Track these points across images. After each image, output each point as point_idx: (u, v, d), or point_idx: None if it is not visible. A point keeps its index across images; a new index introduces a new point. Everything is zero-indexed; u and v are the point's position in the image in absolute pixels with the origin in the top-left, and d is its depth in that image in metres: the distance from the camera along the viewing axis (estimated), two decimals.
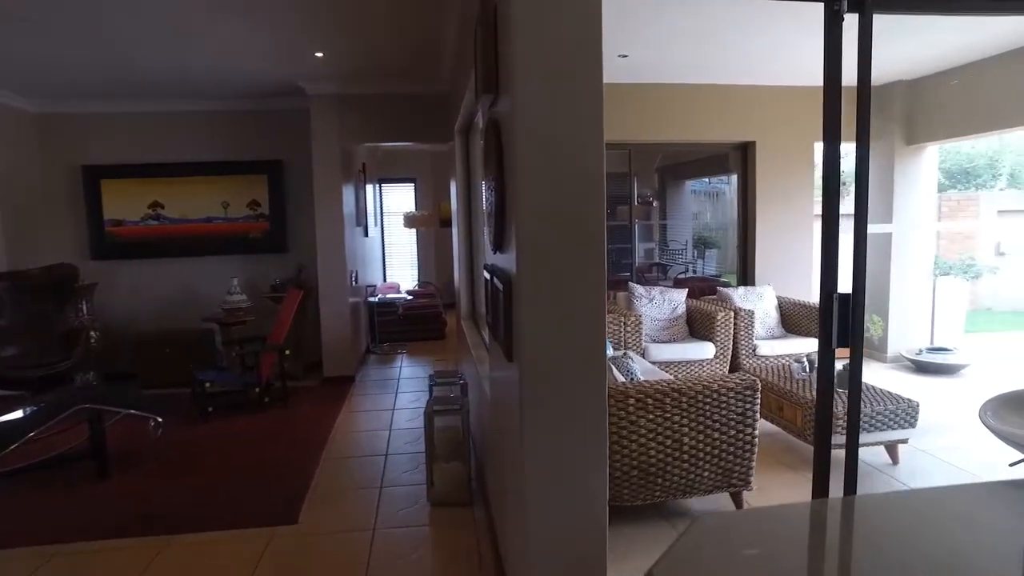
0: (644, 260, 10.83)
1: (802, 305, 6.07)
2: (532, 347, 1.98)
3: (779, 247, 6.78)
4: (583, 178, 1.96)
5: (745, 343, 5.73)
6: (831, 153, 2.51)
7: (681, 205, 10.69)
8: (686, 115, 6.49)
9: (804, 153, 6.79)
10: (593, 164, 1.96)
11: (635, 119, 6.40)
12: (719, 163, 8.39)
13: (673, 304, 6.06)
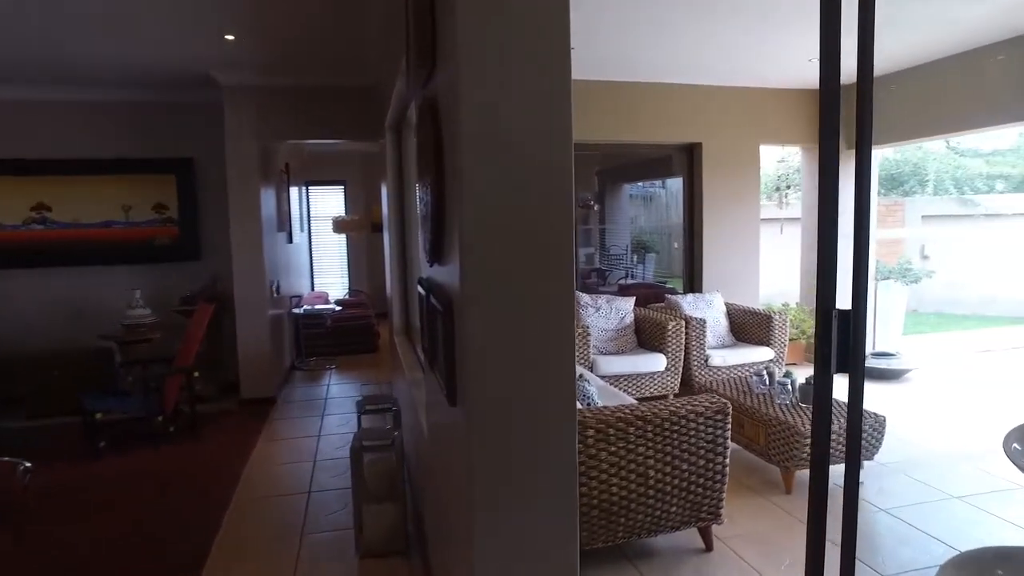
0: (585, 265, 10.58)
1: (751, 312, 5.87)
2: (482, 391, 1.55)
3: (726, 252, 6.59)
4: (546, 171, 1.55)
5: (697, 354, 5.47)
6: (829, 150, 2.18)
7: (620, 209, 10.50)
8: (631, 114, 6.21)
9: (750, 155, 6.63)
10: (559, 153, 1.56)
11: (578, 117, 6.06)
12: (662, 165, 8.19)
13: (621, 313, 5.75)
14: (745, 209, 6.63)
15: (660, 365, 5.34)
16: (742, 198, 6.61)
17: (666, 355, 5.36)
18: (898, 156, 11.00)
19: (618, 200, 10.49)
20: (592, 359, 5.22)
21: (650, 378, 5.35)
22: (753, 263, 6.70)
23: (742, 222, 6.62)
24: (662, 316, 5.57)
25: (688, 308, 5.84)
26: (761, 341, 5.70)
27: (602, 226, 10.17)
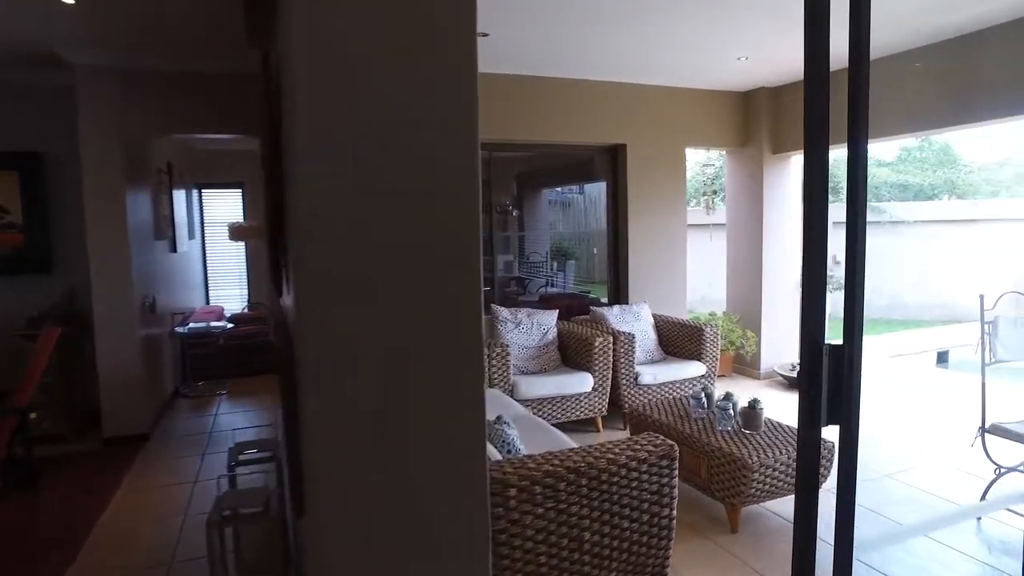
0: (504, 274, 10.09)
1: (681, 325, 5.53)
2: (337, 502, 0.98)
3: (653, 260, 6.25)
4: (445, 171, 1.00)
5: (626, 371, 5.05)
6: (818, 151, 1.72)
7: (539, 214, 10.09)
8: (553, 113, 5.75)
9: (676, 159, 6.32)
10: (460, 138, 1.02)
11: (493, 114, 5.55)
12: (584, 168, 7.82)
13: (543, 328, 5.27)
14: (672, 215, 6.32)
15: (587, 385, 4.89)
16: (668, 203, 6.29)
17: (593, 374, 4.92)
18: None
19: (537, 205, 10.08)
20: (512, 381, 4.70)
21: (576, 400, 4.89)
22: (680, 271, 6.39)
23: (669, 228, 6.30)
24: (588, 331, 5.13)
25: (615, 321, 5.43)
26: (692, 355, 5.36)
27: (521, 233, 9.73)
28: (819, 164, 1.63)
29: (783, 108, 6.22)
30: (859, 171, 1.60)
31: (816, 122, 1.60)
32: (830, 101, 1.46)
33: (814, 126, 1.60)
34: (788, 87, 6.14)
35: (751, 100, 6.43)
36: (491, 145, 5.84)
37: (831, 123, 2.47)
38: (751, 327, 6.47)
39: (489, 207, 9.49)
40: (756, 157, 6.41)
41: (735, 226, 6.75)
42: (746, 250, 6.56)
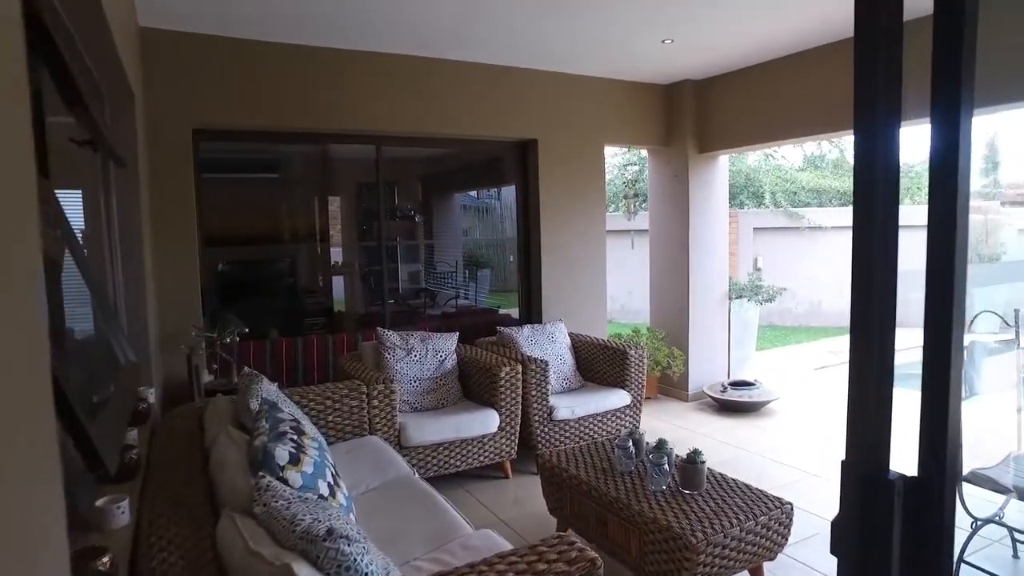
0: (409, 285, 9.17)
1: (602, 346, 4.78)
2: None
3: (569, 272, 5.50)
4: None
5: (539, 406, 4.25)
6: (877, 137, 0.88)
7: (450, 221, 9.23)
8: (449, 101, 4.90)
9: (594, 157, 5.60)
10: None
11: (381, 99, 4.65)
12: (494, 169, 7.02)
13: (440, 355, 4.39)
14: (590, 220, 5.59)
15: (492, 425, 4.04)
16: (586, 207, 5.56)
17: (499, 410, 4.08)
18: (732, 167, 10.84)
19: (448, 211, 9.23)
20: (399, 424, 3.79)
21: (480, 444, 4.04)
22: (600, 285, 5.67)
23: (587, 236, 5.57)
24: (493, 358, 4.29)
25: (526, 344, 4.62)
26: (615, 382, 4.63)
27: (429, 241, 8.85)
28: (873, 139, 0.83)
29: (709, 103, 5.62)
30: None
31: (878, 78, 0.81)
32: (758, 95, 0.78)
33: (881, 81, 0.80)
34: (715, 80, 5.54)
35: (675, 94, 5.81)
36: (379, 138, 4.93)
37: (757, 120, 1.62)
38: (678, 344, 5.83)
39: (392, 211, 8.54)
40: (680, 157, 5.79)
41: (658, 232, 6.11)
42: (671, 259, 5.93)
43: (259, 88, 4.24)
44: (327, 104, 4.45)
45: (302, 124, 4.42)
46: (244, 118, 4.25)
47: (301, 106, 4.37)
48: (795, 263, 10.25)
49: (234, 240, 6.76)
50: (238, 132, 4.41)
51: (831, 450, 4.54)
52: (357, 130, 4.68)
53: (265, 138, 4.53)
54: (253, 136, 4.49)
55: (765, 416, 5.37)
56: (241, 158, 6.74)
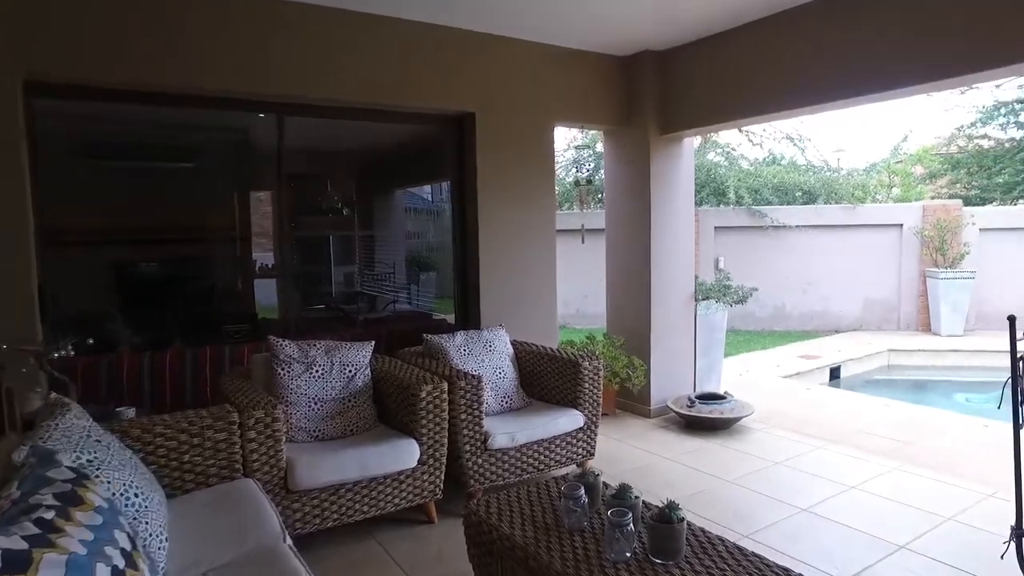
0: (344, 288, 8.26)
1: (549, 357, 4.00)
2: None
3: (512, 270, 4.71)
4: None
5: (470, 432, 3.43)
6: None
7: (389, 219, 8.37)
8: (374, 63, 4.07)
9: (542, 138, 4.83)
10: None
11: (288, 60, 3.78)
12: (429, 158, 6.21)
13: (349, 370, 3.53)
14: (537, 209, 4.81)
15: (410, 458, 3.21)
16: (532, 195, 4.79)
17: (420, 439, 3.25)
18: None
19: (387, 208, 8.36)
20: (287, 462, 2.93)
21: (395, 483, 3.20)
22: (549, 285, 4.90)
23: (533, 227, 4.80)
24: (414, 373, 3.45)
25: (457, 355, 3.81)
26: (566, 399, 3.85)
27: (367, 232, 7.96)
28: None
29: (673, 77, 4.92)
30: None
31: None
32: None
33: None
34: (679, 51, 4.84)
35: (634, 67, 5.09)
36: (281, 105, 4.06)
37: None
38: (638, 352, 5.10)
39: (318, 207, 7.64)
40: (641, 139, 5.07)
41: (616, 226, 5.38)
42: (630, 257, 5.20)
43: (119, 31, 3.33)
44: (209, 55, 3.56)
45: (178, 82, 3.53)
46: (98, 70, 3.33)
47: (176, 58, 3.48)
48: (758, 264, 9.70)
49: (136, 237, 5.82)
50: (91, 89, 3.47)
51: (822, 481, 3.85)
52: (251, 93, 3.80)
53: (127, 98, 3.59)
54: (111, 95, 3.55)
55: (739, 434, 4.67)
56: (147, 143, 5.79)
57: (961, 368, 7.85)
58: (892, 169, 11.90)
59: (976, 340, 8.35)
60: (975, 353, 7.91)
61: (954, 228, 8.93)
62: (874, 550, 2.99)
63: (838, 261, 9.61)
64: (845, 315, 9.63)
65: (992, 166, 12.95)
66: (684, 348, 5.33)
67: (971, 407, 6.60)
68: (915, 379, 7.82)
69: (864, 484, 3.74)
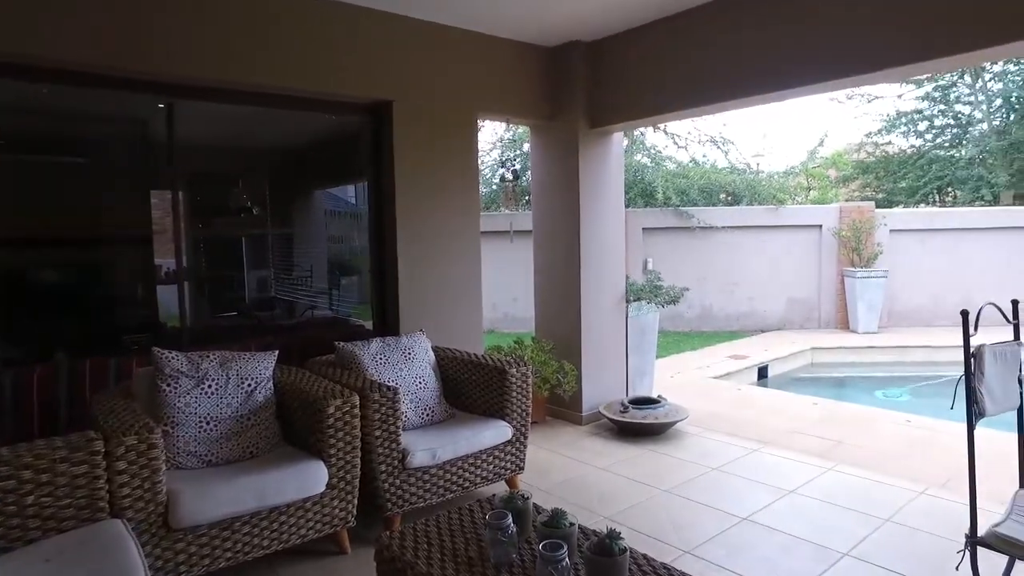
0: (257, 293, 7.69)
1: (474, 364, 3.70)
2: None
3: (434, 271, 4.39)
4: None
5: (386, 451, 3.08)
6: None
7: (307, 221, 7.86)
8: (279, 42, 3.66)
9: (465, 130, 4.54)
10: None
11: (182, 36, 3.34)
12: (346, 155, 5.81)
13: (248, 384, 3.12)
14: (460, 207, 4.51)
15: (317, 482, 2.84)
16: (455, 192, 4.48)
17: (328, 460, 2.88)
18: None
19: (308, 205, 7.85)
20: (168, 495, 2.50)
21: (300, 512, 2.81)
22: (474, 287, 4.60)
23: (456, 225, 4.49)
24: (321, 386, 3.08)
25: (372, 365, 3.45)
26: (493, 410, 3.56)
27: (283, 233, 7.42)
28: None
29: (603, 68, 4.73)
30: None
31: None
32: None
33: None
34: (610, 41, 4.66)
35: (562, 58, 4.87)
36: (169, 87, 3.60)
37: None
38: (568, 356, 4.87)
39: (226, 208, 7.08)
40: (570, 133, 4.85)
41: (544, 225, 5.14)
42: (559, 257, 4.97)
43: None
44: (86, 23, 3.08)
45: (51, 54, 3.03)
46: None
47: (50, 25, 2.98)
48: (686, 264, 9.73)
49: (19, 239, 5.14)
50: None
51: (760, 486, 3.71)
52: (132, 72, 3.33)
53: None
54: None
55: (674, 439, 4.51)
56: (31, 132, 5.13)
57: (878, 364, 8.06)
58: (809, 172, 12.27)
59: (889, 337, 8.62)
60: (889, 349, 8.15)
61: (868, 229, 9.21)
62: (819, 560, 2.84)
63: (762, 261, 9.76)
64: (770, 315, 9.78)
65: (897, 171, 13.63)
66: (616, 351, 5.14)
67: (891, 402, 6.76)
68: (837, 376, 7.98)
69: (801, 488, 3.63)
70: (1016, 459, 2.49)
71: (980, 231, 9.48)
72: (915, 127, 13.53)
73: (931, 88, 12.99)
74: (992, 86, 12.62)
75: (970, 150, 12.53)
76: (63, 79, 3.28)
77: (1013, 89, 12.36)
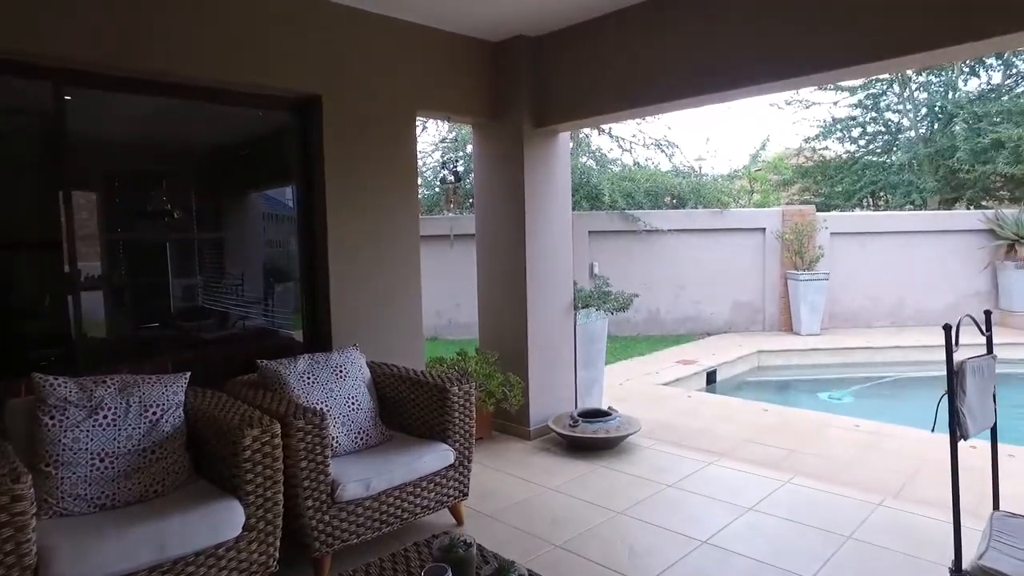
0: (183, 303, 7.15)
1: (413, 382, 3.39)
2: None
3: (368, 280, 4.07)
4: None
5: (313, 484, 2.74)
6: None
7: (245, 223, 7.36)
8: (192, 24, 3.28)
9: (402, 130, 4.23)
10: None
11: (77, 15, 2.92)
12: (285, 154, 5.42)
13: (153, 413, 2.74)
14: (397, 211, 4.20)
15: (231, 526, 2.48)
16: (391, 194, 4.17)
17: (244, 499, 2.53)
18: None
19: (240, 208, 7.34)
20: (38, 554, 2.11)
21: (212, 561, 2.45)
22: (412, 297, 4.30)
23: (393, 230, 4.18)
24: (237, 413, 2.71)
25: (299, 385, 3.11)
26: (433, 431, 3.26)
27: (212, 238, 6.91)
28: None
29: (548, 65, 4.50)
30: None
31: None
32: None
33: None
34: (555, 36, 4.44)
35: (506, 53, 4.62)
36: (53, 72, 3.17)
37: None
38: (515, 368, 4.62)
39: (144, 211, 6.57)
40: (514, 133, 4.60)
41: (487, 229, 4.88)
42: (503, 262, 4.72)
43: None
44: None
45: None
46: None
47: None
48: (633, 268, 9.63)
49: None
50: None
51: (718, 504, 3.54)
52: (29, 56, 2.91)
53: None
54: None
55: (626, 454, 4.31)
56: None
57: (821, 366, 8.12)
58: (752, 176, 12.41)
59: (831, 339, 8.71)
60: (832, 351, 8.22)
61: (810, 232, 9.31)
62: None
63: (708, 264, 9.75)
64: (716, 318, 9.77)
65: (834, 175, 13.97)
66: (564, 361, 4.92)
67: (838, 405, 6.77)
68: (783, 379, 7.99)
69: (759, 504, 3.47)
70: (985, 472, 2.36)
71: (913, 234, 9.72)
72: (849, 133, 13.90)
73: (863, 96, 13.36)
74: (918, 95, 13.07)
75: (900, 156, 12.94)
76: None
77: (936, 98, 12.83)
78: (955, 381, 1.86)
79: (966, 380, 1.90)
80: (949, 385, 1.86)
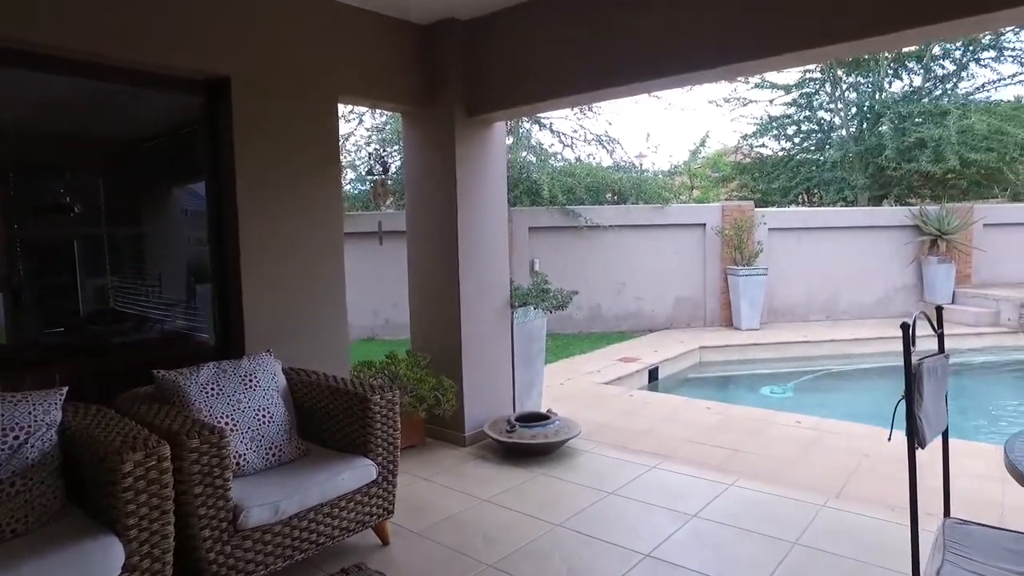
0: (96, 306, 6.59)
1: (332, 391, 3.09)
2: None
3: (287, 279, 3.73)
4: None
5: (210, 512, 2.42)
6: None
7: (158, 221, 6.83)
8: None
9: (323, 117, 3.90)
10: None
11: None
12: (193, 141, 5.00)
13: (16, 437, 2.36)
14: (318, 203, 3.88)
15: (104, 569, 2.13)
16: (313, 187, 3.84)
17: (124, 535, 2.19)
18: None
19: (155, 203, 6.81)
20: None
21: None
22: (337, 299, 3.97)
23: (315, 230, 3.85)
24: (118, 434, 2.36)
25: (201, 398, 2.77)
26: (354, 444, 2.97)
27: (128, 232, 6.38)
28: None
29: (482, 49, 4.25)
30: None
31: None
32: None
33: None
34: (489, 19, 4.19)
35: (437, 37, 4.35)
36: None
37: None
38: (449, 371, 4.36)
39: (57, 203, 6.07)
40: (446, 122, 4.33)
41: (418, 224, 4.60)
42: (435, 259, 4.45)
43: None
44: None
45: None
46: None
47: None
48: (574, 265, 9.50)
49: None
50: None
51: (661, 512, 3.37)
52: None
53: None
54: None
55: (566, 459, 4.10)
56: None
57: (762, 361, 8.16)
58: (692, 172, 12.47)
59: (771, 333, 8.78)
60: (772, 346, 8.28)
61: (749, 228, 9.37)
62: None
63: (649, 261, 9.70)
64: (657, 314, 9.74)
65: (771, 172, 14.21)
66: (501, 362, 4.69)
67: (779, 401, 6.78)
68: (725, 375, 7.99)
69: (704, 511, 3.31)
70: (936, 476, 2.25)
71: (846, 230, 9.93)
72: (785, 131, 14.18)
73: (798, 95, 13.63)
74: (848, 95, 13.42)
75: (832, 154, 13.25)
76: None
77: (865, 98, 13.20)
78: (913, 384, 1.71)
79: (923, 383, 1.75)
80: (907, 389, 1.71)
